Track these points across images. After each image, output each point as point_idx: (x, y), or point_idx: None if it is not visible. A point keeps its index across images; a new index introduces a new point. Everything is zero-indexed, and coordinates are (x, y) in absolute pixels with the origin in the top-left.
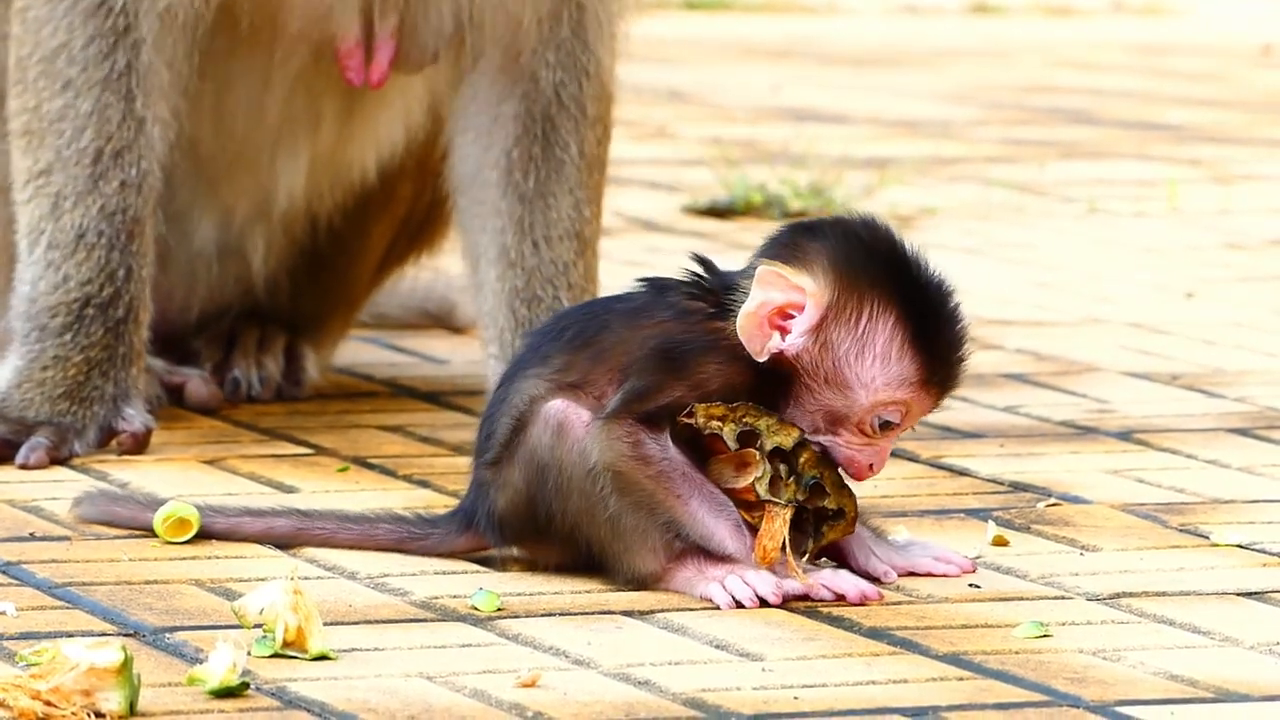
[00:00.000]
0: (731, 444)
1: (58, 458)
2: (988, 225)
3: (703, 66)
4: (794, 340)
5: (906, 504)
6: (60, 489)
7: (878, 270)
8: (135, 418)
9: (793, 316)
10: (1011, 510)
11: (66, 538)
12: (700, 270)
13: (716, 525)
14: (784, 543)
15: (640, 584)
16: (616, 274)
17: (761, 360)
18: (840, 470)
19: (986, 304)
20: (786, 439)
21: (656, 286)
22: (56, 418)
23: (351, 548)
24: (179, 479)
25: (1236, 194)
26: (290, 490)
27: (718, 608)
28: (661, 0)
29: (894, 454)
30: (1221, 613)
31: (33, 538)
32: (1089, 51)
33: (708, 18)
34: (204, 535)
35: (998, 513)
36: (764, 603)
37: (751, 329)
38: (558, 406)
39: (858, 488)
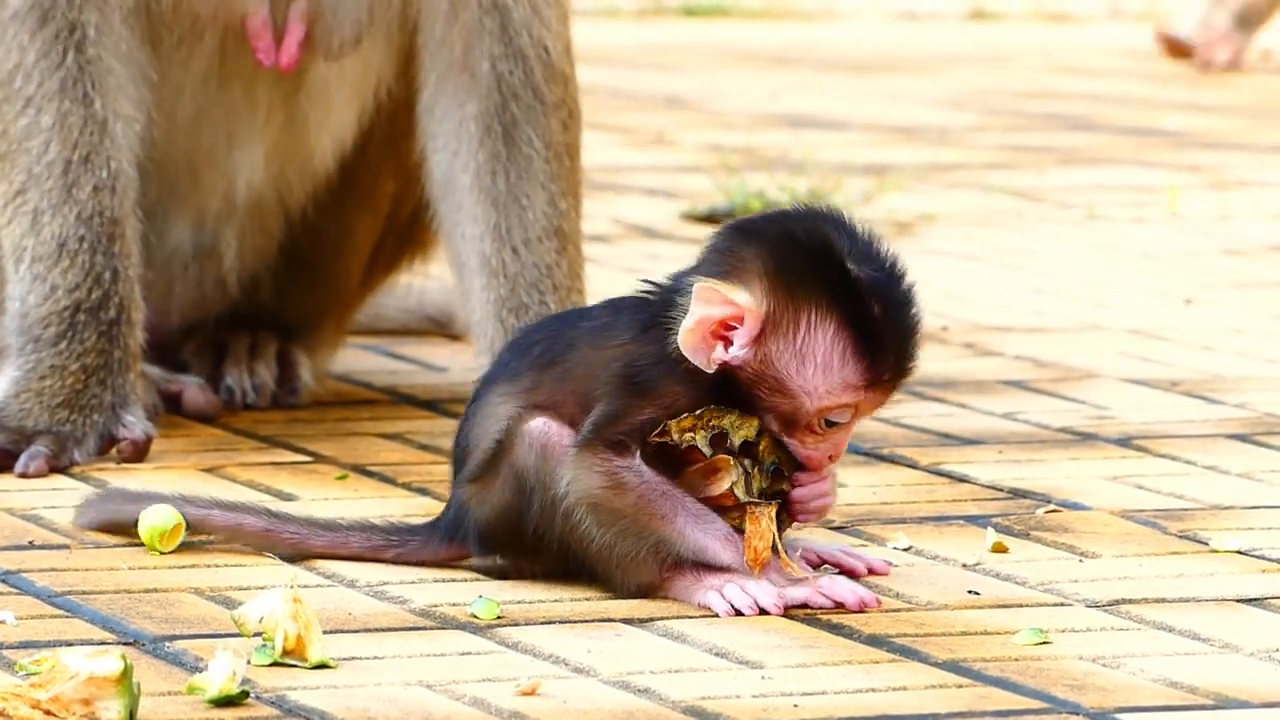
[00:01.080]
0: (706, 450)
1: (57, 466)
2: (987, 231)
3: (701, 73)
4: (736, 352)
5: (905, 510)
6: (59, 497)
7: (813, 279)
8: (135, 425)
9: (735, 327)
10: (1011, 517)
11: (66, 546)
12: (650, 286)
13: (707, 539)
14: (774, 542)
15: (639, 592)
16: (615, 281)
17: (710, 372)
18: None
19: (985, 310)
20: (750, 430)
21: (614, 306)
22: (56, 426)
23: (323, 555)
24: (178, 487)
25: (1235, 200)
26: (289, 498)
27: (717, 616)
28: (659, 7)
29: (892, 460)
30: (1221, 619)
31: (32, 546)
32: (1087, 57)
33: (706, 24)
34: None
35: (997, 519)
36: (764, 612)
37: (694, 344)
38: (539, 427)
39: (859, 494)
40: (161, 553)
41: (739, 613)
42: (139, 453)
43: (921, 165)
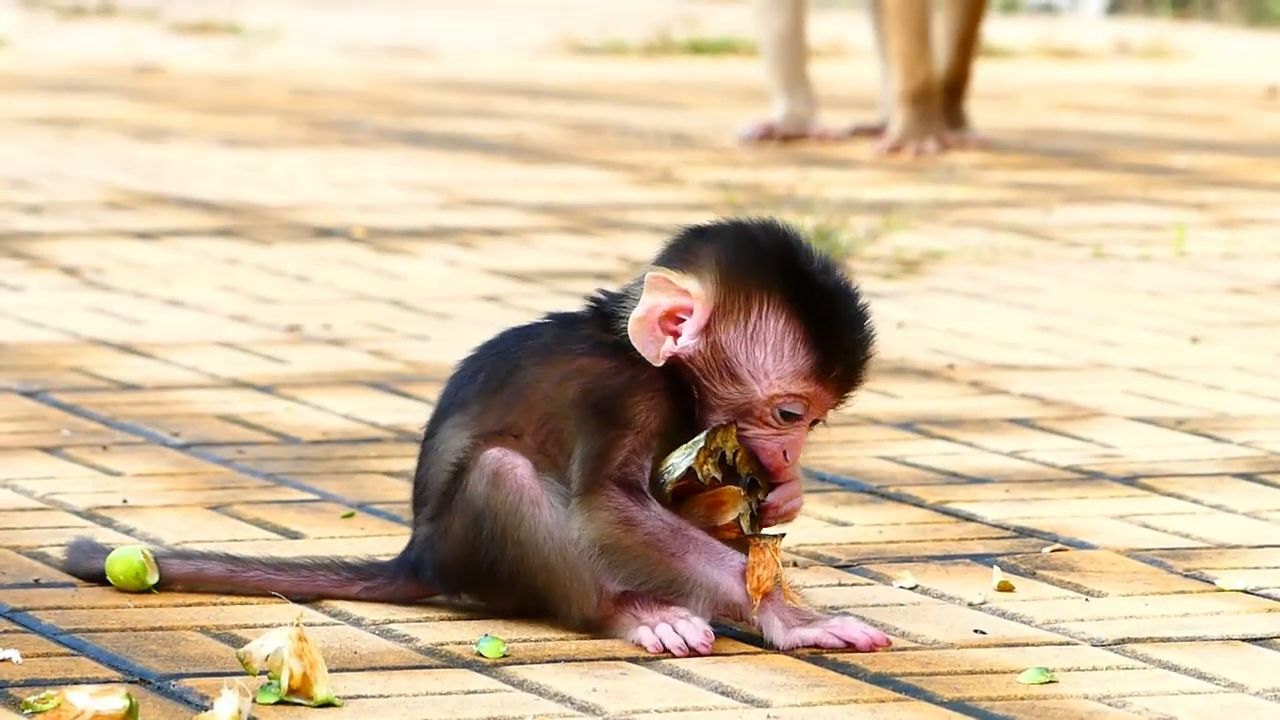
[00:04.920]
0: (718, 476)
1: None
2: (993, 269)
3: (708, 110)
4: (685, 343)
5: (912, 549)
6: (65, 535)
7: (767, 270)
8: None
9: (683, 320)
10: (1017, 556)
11: (72, 584)
12: (600, 297)
13: (720, 575)
14: (777, 574)
15: (584, 627)
16: None
17: (659, 364)
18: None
19: (992, 348)
20: (733, 439)
21: (563, 320)
22: None
23: (289, 593)
24: (184, 525)
25: (1242, 238)
26: (296, 536)
27: (724, 655)
28: (666, 44)
29: (899, 499)
30: (1227, 658)
31: (38, 584)
32: (1094, 94)
33: (712, 61)
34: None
35: (1003, 558)
36: (694, 652)
37: (643, 334)
38: (494, 455)
39: (865, 533)
40: (153, 587)
41: (668, 651)
42: None
43: (928, 203)
